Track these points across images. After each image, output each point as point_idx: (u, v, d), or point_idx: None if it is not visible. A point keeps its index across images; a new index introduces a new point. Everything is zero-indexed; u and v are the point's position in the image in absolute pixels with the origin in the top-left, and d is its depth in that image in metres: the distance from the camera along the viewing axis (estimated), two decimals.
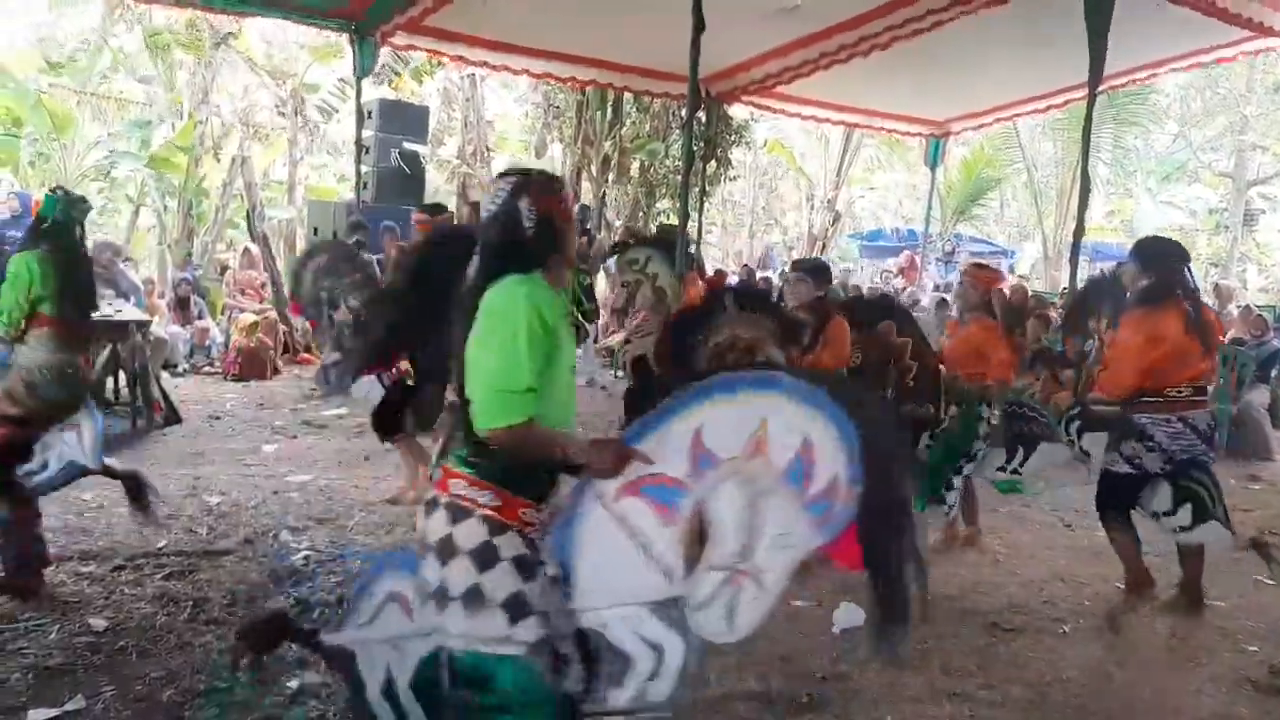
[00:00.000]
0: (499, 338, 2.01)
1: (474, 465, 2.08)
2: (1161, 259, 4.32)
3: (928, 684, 3.49)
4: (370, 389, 5.26)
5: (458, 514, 2.07)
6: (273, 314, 10.51)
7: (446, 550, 2.05)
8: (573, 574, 2.09)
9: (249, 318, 9.97)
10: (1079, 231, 6.35)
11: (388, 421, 5.21)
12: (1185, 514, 4.20)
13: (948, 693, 3.45)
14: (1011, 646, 3.94)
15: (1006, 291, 9.66)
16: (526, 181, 2.20)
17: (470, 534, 2.05)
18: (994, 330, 4.94)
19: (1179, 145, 24.85)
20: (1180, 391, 4.22)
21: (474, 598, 2.02)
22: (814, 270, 5.00)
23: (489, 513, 2.06)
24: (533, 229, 2.14)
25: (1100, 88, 6.38)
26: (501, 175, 2.25)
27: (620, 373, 10.02)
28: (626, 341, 5.23)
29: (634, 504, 2.06)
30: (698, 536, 2.06)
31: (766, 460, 2.03)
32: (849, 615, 4.07)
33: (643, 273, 6.21)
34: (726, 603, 2.02)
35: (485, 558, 2.03)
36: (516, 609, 2.02)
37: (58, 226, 3.93)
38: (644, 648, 2.05)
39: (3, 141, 14.22)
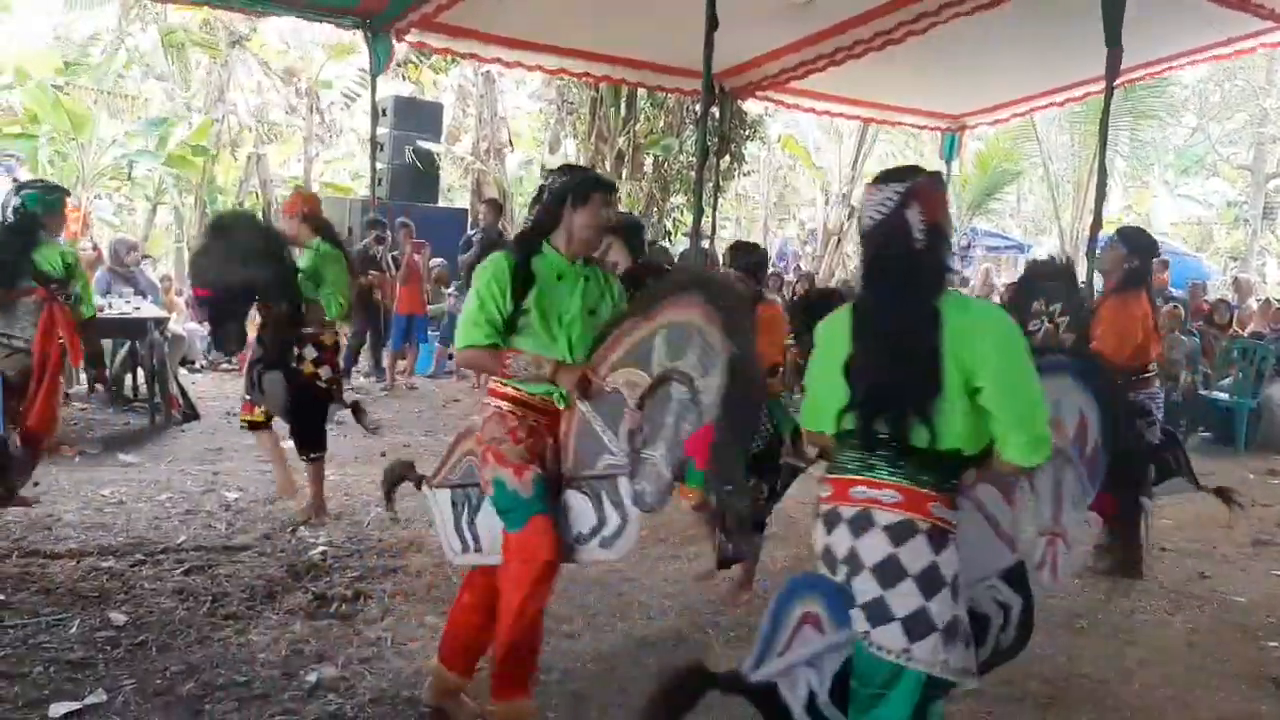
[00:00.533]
0: (1027, 371, 2.04)
1: (939, 485, 2.08)
2: (1146, 248, 4.70)
3: None
4: (279, 387, 4.79)
5: (940, 541, 2.07)
6: None
7: (933, 581, 2.04)
8: None
9: None
10: (1096, 225, 6.30)
11: (316, 434, 4.99)
12: (1151, 472, 4.55)
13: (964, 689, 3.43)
14: (1029, 642, 3.91)
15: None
16: (914, 188, 2.11)
17: (950, 562, 2.07)
18: None
19: (1197, 138, 24.65)
20: (1151, 368, 4.61)
21: (953, 632, 2.06)
22: (755, 266, 4.53)
23: (954, 534, 2.10)
24: (924, 241, 2.10)
25: (1117, 81, 6.33)
26: (883, 181, 2.17)
27: None
28: None
29: (985, 489, 2.27)
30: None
31: (1063, 436, 2.28)
32: None
33: (601, 259, 5.97)
34: (1050, 560, 2.36)
35: (956, 589, 2.08)
36: (969, 641, 2.11)
37: None
38: (996, 608, 2.30)
39: (21, 141, 14.32)
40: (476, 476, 2.96)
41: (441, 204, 14.81)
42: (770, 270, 14.00)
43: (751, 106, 13.06)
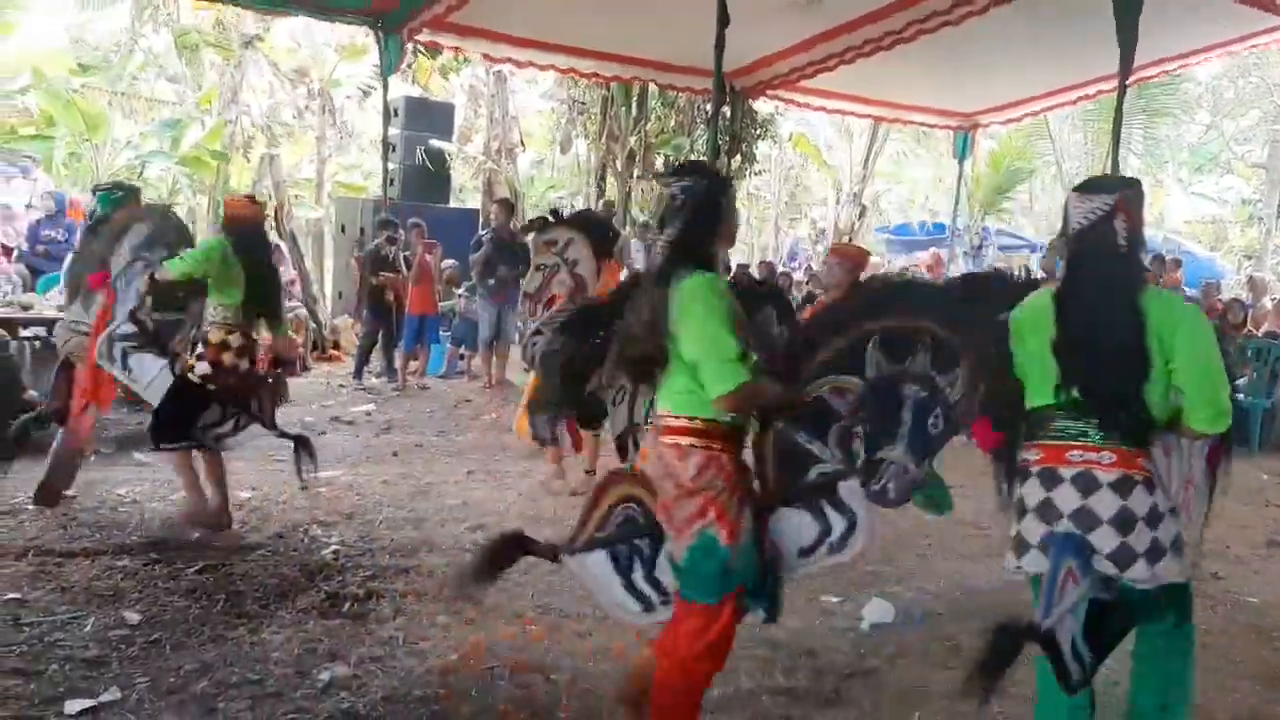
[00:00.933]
0: (1214, 354, 2.48)
1: (1142, 445, 2.51)
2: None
3: (957, 681, 3.46)
4: (160, 375, 4.51)
5: (1151, 486, 2.49)
6: (302, 311, 10.60)
7: (1156, 517, 2.48)
8: None
9: None
10: None
11: (175, 429, 4.52)
12: None
13: None
14: None
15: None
16: (1121, 199, 2.50)
17: (1161, 499, 2.51)
18: None
19: (1211, 136, 24.49)
20: None
21: (1179, 546, 2.51)
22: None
23: (1156, 478, 2.53)
24: (1126, 246, 2.51)
25: (1130, 79, 6.31)
26: (1092, 191, 2.56)
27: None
28: (536, 333, 4.53)
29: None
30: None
31: None
32: (878, 611, 4.06)
33: (561, 256, 5.25)
34: (1185, 504, 2.67)
35: (1167, 516, 2.51)
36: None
37: None
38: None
39: (37, 142, 14.42)
40: (639, 524, 2.79)
41: (453, 204, 14.84)
42: (781, 270, 14.01)
43: (762, 105, 13.05)
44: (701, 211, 2.66)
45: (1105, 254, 2.51)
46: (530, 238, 5.73)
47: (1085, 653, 2.50)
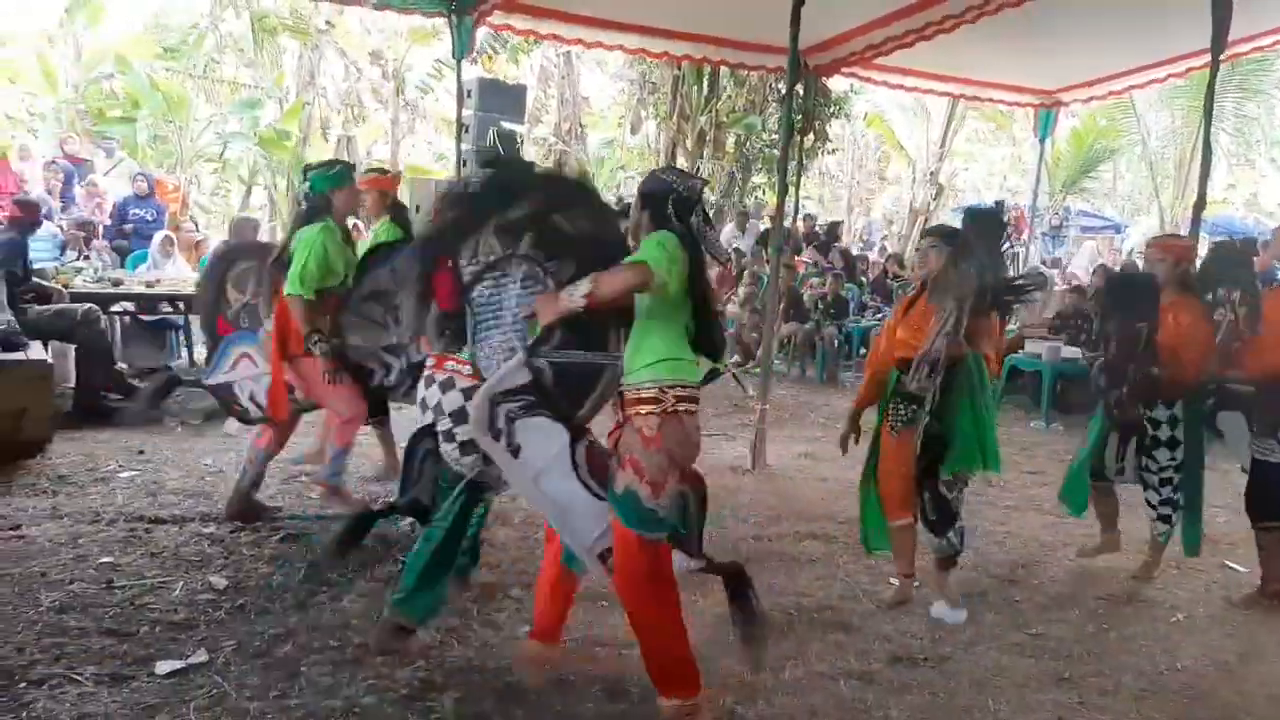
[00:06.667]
0: None
1: None
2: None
3: (1035, 669, 3.40)
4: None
5: None
6: None
7: None
8: None
9: None
10: (1199, 205, 6.04)
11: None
12: None
13: (1056, 678, 3.36)
14: (1123, 633, 3.81)
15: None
16: None
17: None
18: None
19: None
20: None
21: None
22: None
23: None
24: None
25: (1223, 55, 6.05)
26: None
27: None
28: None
29: None
30: None
31: None
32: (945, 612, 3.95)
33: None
34: None
35: None
36: None
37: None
38: None
39: (121, 125, 14.88)
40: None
41: None
42: (857, 252, 13.81)
43: (836, 83, 12.84)
44: None
45: None
46: None
47: None
